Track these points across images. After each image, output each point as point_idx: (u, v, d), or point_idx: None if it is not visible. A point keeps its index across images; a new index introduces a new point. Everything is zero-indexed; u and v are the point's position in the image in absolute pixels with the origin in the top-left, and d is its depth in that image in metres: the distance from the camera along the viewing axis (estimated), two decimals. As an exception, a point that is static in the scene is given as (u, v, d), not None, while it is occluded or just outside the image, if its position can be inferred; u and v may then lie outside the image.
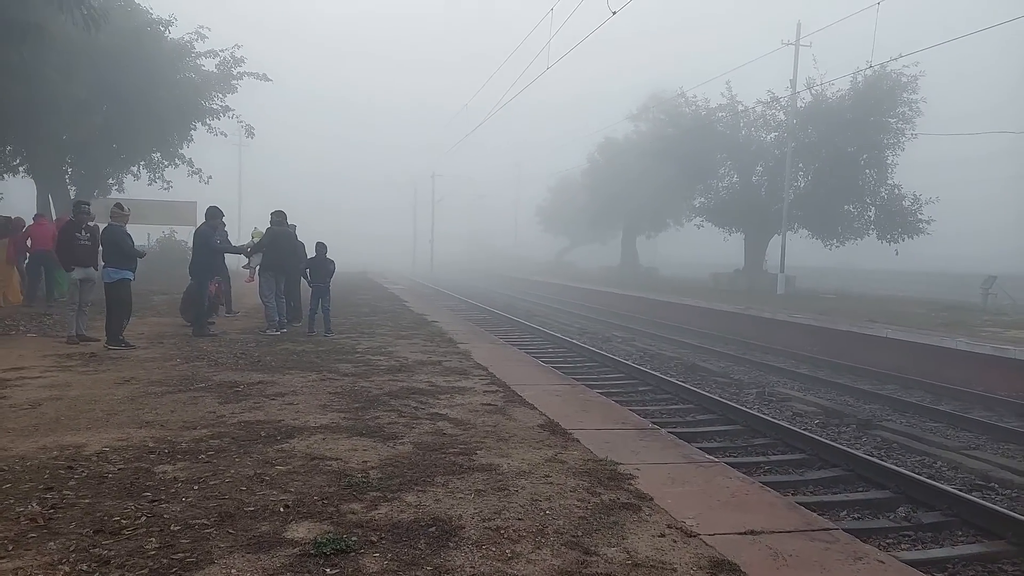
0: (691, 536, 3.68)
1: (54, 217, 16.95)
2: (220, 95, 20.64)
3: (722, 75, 33.83)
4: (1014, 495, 6.75)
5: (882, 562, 3.44)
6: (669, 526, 3.81)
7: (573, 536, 3.65)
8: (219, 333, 11.33)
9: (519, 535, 3.64)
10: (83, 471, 4.46)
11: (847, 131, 25.03)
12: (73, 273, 10.00)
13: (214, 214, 11.52)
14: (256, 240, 13.24)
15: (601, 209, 40.86)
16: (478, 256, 72.54)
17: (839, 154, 25.35)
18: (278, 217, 12.12)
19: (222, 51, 20.13)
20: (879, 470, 6.90)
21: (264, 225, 13.16)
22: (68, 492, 4.09)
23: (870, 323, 16.03)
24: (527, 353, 11.92)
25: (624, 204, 38.17)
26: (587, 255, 53.78)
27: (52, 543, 3.39)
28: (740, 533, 3.73)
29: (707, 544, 3.58)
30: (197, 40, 19.47)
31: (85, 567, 3.16)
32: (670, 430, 7.36)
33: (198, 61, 20.16)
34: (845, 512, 6.14)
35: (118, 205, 10.33)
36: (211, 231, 11.36)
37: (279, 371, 8.21)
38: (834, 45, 25.47)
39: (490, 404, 6.75)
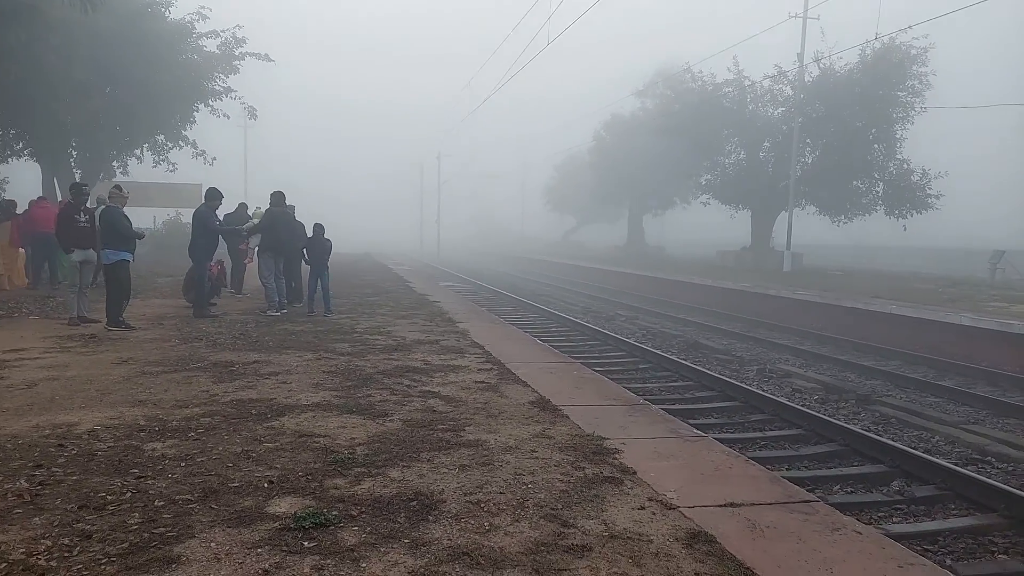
0: (670, 508, 3.69)
1: (59, 200, 17.03)
2: (223, 76, 20.59)
3: (728, 49, 33.34)
4: (1009, 468, 6.73)
5: (859, 532, 3.43)
6: (650, 499, 3.82)
7: (553, 509, 3.66)
8: (220, 314, 11.39)
9: (499, 508, 3.66)
10: (73, 449, 4.51)
11: (855, 105, 24.69)
12: (72, 255, 10.05)
13: (213, 195, 11.54)
14: (256, 221, 13.26)
15: (607, 188, 40.64)
16: (485, 237, 72.51)
17: (847, 129, 25.03)
18: (277, 198, 12.12)
19: (224, 31, 20.05)
20: (875, 445, 6.88)
21: (263, 206, 13.19)
22: (56, 469, 4.14)
23: (875, 299, 15.92)
24: (528, 333, 11.92)
25: (630, 182, 37.93)
26: (594, 234, 53.66)
27: (37, 518, 3.44)
28: (720, 505, 3.74)
29: (686, 516, 3.59)
30: (198, 20, 19.38)
31: (67, 541, 3.21)
32: (667, 407, 7.37)
33: (200, 42, 20.08)
34: (839, 486, 6.14)
35: (116, 186, 10.35)
36: (210, 212, 11.38)
37: (276, 351, 8.25)
38: (842, 17, 25.09)
39: (483, 382, 6.77)
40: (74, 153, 20.21)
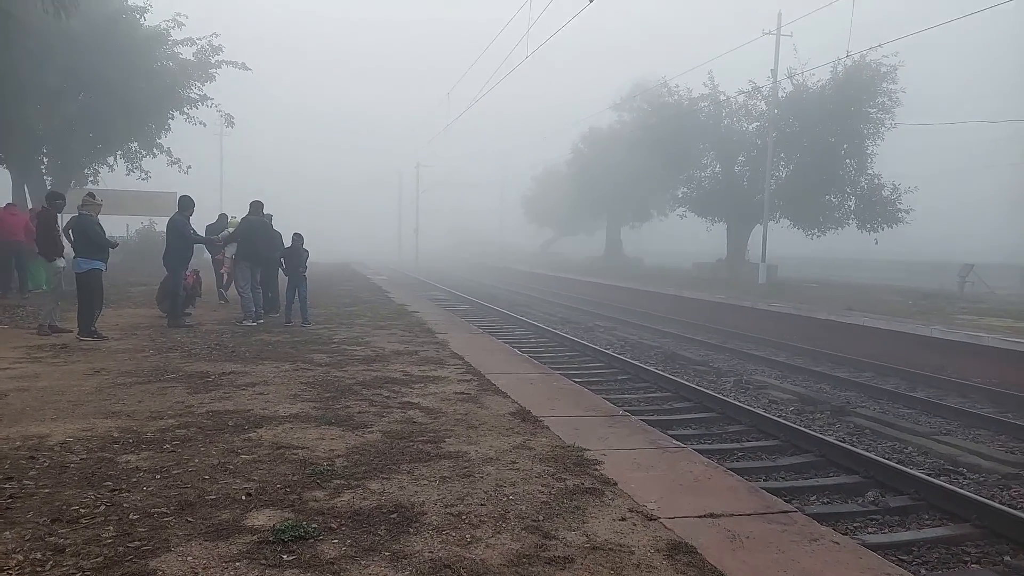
0: (651, 520, 3.70)
1: (29, 207, 16.72)
2: (198, 83, 20.42)
3: (704, 64, 33.81)
4: (981, 479, 6.86)
5: (837, 543, 3.47)
6: (631, 510, 3.83)
7: (534, 521, 3.66)
8: (194, 324, 11.24)
9: (480, 520, 3.65)
10: (45, 461, 4.41)
11: (828, 121, 25.13)
12: (58, 262, 10.00)
13: (187, 204, 11.40)
14: (231, 230, 13.14)
15: (586, 199, 40.88)
16: (464, 249, 72.43)
17: (820, 144, 25.47)
18: (255, 207, 12.03)
19: (200, 39, 19.90)
20: (850, 456, 6.98)
21: (239, 214, 13.07)
22: (28, 482, 4.05)
23: (848, 311, 16.18)
24: (507, 343, 11.92)
25: (608, 194, 38.20)
26: (572, 245, 53.84)
27: (8, 532, 3.36)
28: (700, 516, 3.76)
29: (666, 527, 3.61)
30: (174, 28, 19.22)
31: (39, 555, 3.14)
32: (646, 418, 7.40)
33: (175, 49, 19.92)
34: (815, 497, 6.21)
35: (89, 194, 10.21)
36: (185, 221, 11.25)
37: (252, 361, 8.16)
38: (815, 35, 25.56)
39: (463, 393, 6.75)
40: (45, 160, 19.87)
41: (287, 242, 12.48)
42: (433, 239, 68.87)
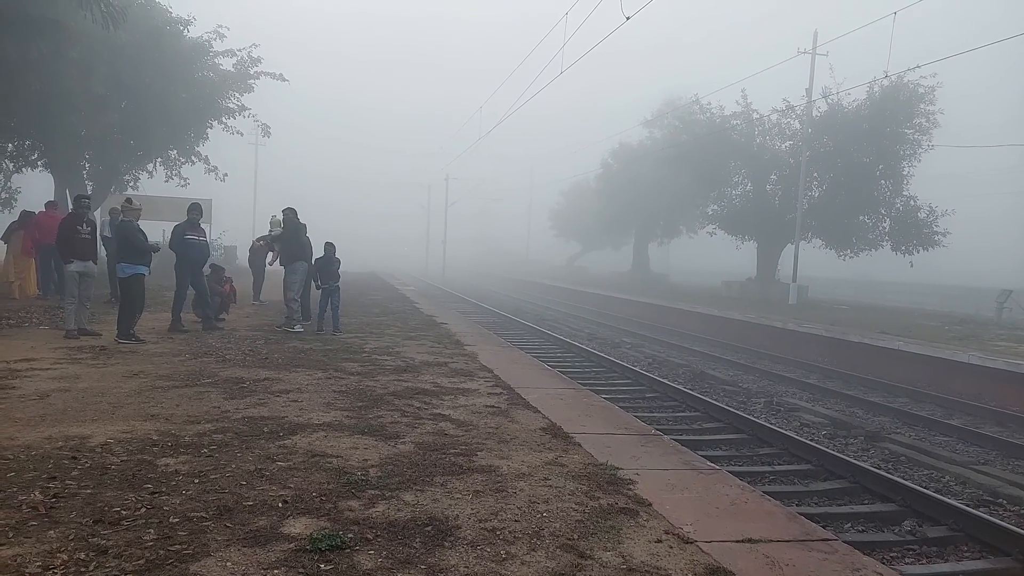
0: (688, 543, 3.66)
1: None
2: (237, 94, 20.81)
3: (737, 83, 33.69)
4: (1022, 512, 6.67)
5: (880, 574, 3.40)
6: (666, 532, 3.79)
7: (569, 539, 3.64)
8: (224, 328, 11.37)
9: (515, 536, 3.64)
10: (86, 462, 4.50)
11: (863, 141, 24.86)
12: (71, 266, 9.92)
13: (194, 209, 11.53)
14: (275, 229, 13.32)
15: (614, 215, 40.80)
16: (490, 260, 72.57)
17: (854, 164, 25.18)
18: (290, 212, 12.22)
19: (240, 51, 20.30)
20: (885, 483, 6.83)
21: (277, 213, 13.29)
22: (71, 482, 4.13)
23: (882, 335, 15.89)
24: (534, 357, 11.90)
25: (637, 210, 38.10)
26: (599, 260, 53.73)
27: (52, 531, 3.43)
28: (737, 541, 3.71)
29: (703, 551, 3.56)
30: (216, 39, 19.66)
31: (83, 555, 3.19)
32: (675, 437, 7.32)
33: (216, 60, 20.34)
34: (849, 524, 6.09)
35: (128, 200, 10.41)
36: (187, 227, 11.30)
37: (286, 368, 8.25)
38: (851, 54, 25.34)
39: (493, 406, 6.75)
40: (87, 165, 20.37)
41: (317, 250, 12.63)
42: (458, 247, 69.00)
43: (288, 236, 12.12)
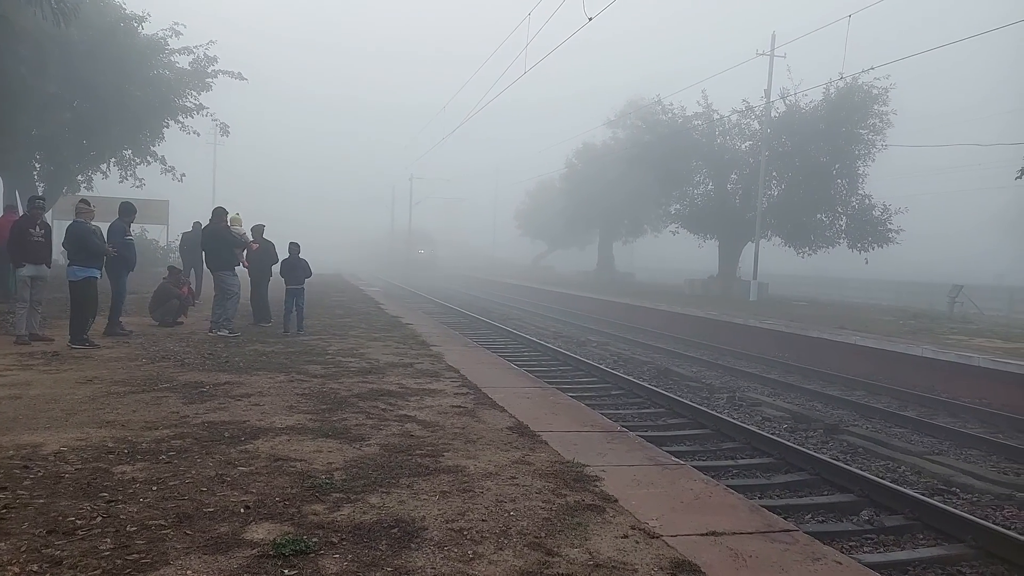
0: (654, 537, 3.69)
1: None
2: (194, 93, 20.38)
3: (698, 83, 34.16)
4: (975, 499, 6.88)
5: (840, 563, 3.48)
6: (632, 527, 3.82)
7: (536, 537, 3.64)
8: (129, 332, 10.90)
9: (482, 536, 3.63)
10: (39, 471, 4.36)
11: (819, 141, 25.42)
12: (23, 270, 9.63)
13: (127, 209, 11.24)
14: (250, 236, 13.07)
15: (578, 214, 41.02)
16: (455, 259, 72.31)
17: (812, 163, 25.72)
18: (217, 215, 12.10)
19: (196, 48, 19.87)
20: (844, 474, 6.99)
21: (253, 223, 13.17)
22: (22, 492, 4.00)
23: (840, 330, 16.26)
24: (501, 356, 11.90)
25: (601, 209, 38.35)
26: (564, 259, 53.95)
27: (3, 543, 3.31)
28: (702, 534, 3.76)
29: (669, 545, 3.60)
30: (171, 36, 19.18)
31: (36, 567, 3.09)
32: (640, 433, 7.38)
33: (172, 58, 19.87)
34: (810, 515, 6.21)
35: (83, 201, 10.12)
36: (124, 226, 11.07)
37: (247, 372, 8.11)
38: (807, 57, 25.91)
39: (460, 406, 6.73)
40: (38, 166, 19.75)
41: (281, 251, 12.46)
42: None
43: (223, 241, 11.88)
